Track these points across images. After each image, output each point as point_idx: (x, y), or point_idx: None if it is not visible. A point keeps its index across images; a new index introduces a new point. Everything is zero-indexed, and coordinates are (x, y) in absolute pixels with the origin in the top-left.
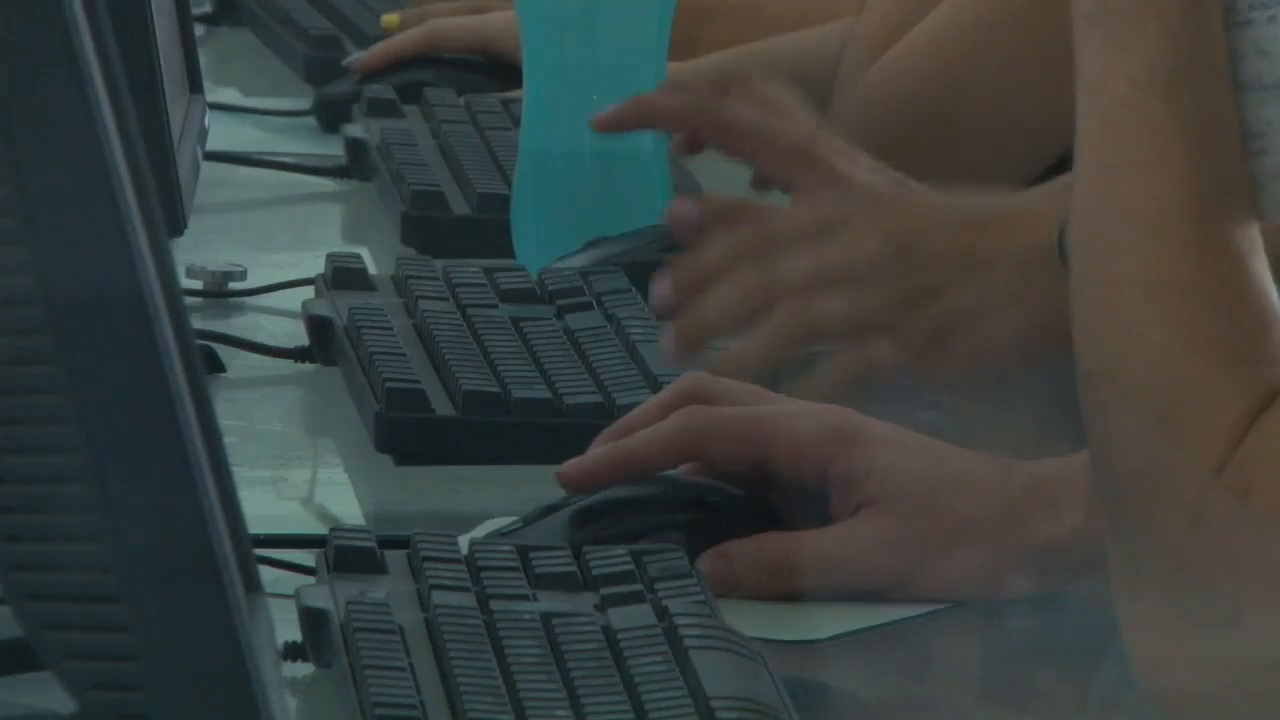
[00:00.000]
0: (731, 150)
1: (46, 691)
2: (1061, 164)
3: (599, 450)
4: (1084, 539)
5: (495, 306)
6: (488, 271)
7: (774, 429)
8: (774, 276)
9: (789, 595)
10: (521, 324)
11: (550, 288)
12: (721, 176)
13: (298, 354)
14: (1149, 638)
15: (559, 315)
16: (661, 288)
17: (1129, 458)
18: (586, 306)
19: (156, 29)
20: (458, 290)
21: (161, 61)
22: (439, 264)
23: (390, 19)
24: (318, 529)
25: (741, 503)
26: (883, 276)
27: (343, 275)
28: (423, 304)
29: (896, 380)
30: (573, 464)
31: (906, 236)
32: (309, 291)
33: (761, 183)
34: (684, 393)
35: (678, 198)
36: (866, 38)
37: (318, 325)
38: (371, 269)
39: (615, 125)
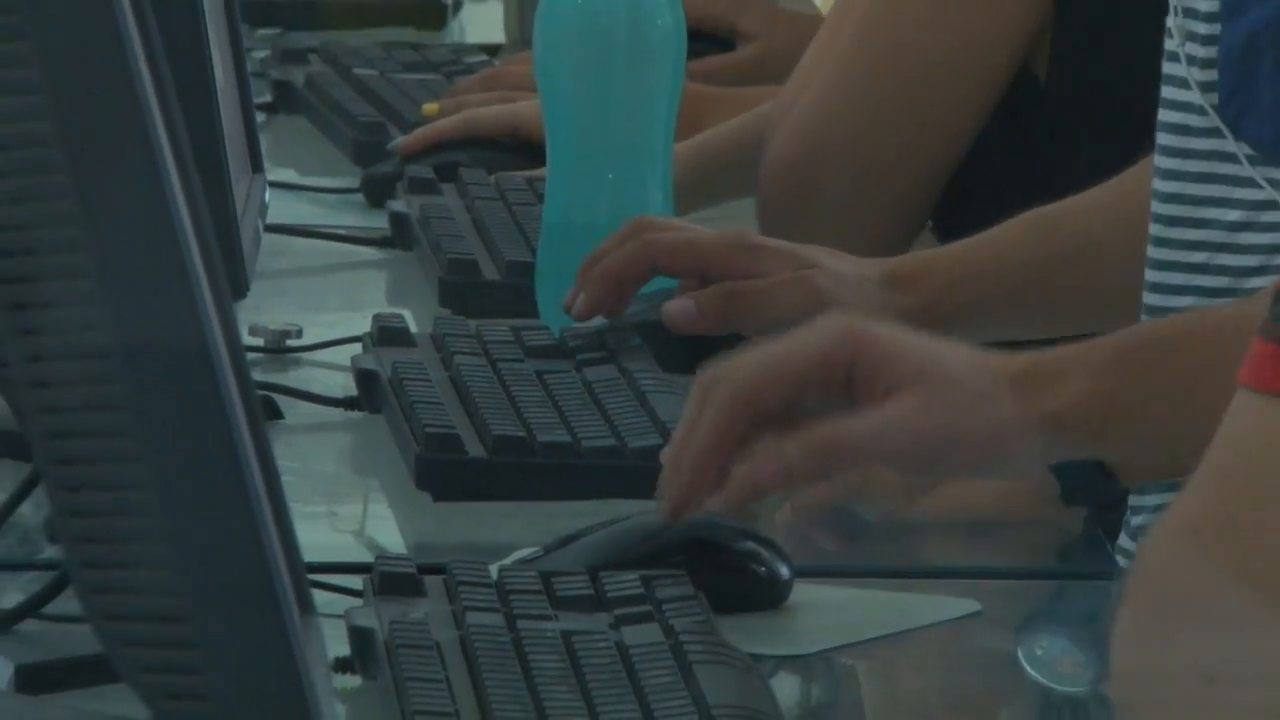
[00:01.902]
0: (677, 270)
1: (125, 701)
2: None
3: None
4: (1087, 409)
5: (522, 361)
6: (515, 330)
7: (793, 350)
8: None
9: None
10: (545, 376)
11: (571, 344)
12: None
13: (348, 403)
14: (1132, 648)
15: (578, 368)
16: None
17: None
18: (603, 361)
19: (222, 114)
20: (489, 347)
21: (226, 144)
22: (473, 323)
23: (430, 107)
24: (365, 557)
25: (740, 534)
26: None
27: (387, 333)
28: (458, 359)
29: (881, 508)
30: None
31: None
32: (358, 348)
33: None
34: None
35: (673, 301)
36: (776, 120)
37: (365, 377)
38: (413, 328)
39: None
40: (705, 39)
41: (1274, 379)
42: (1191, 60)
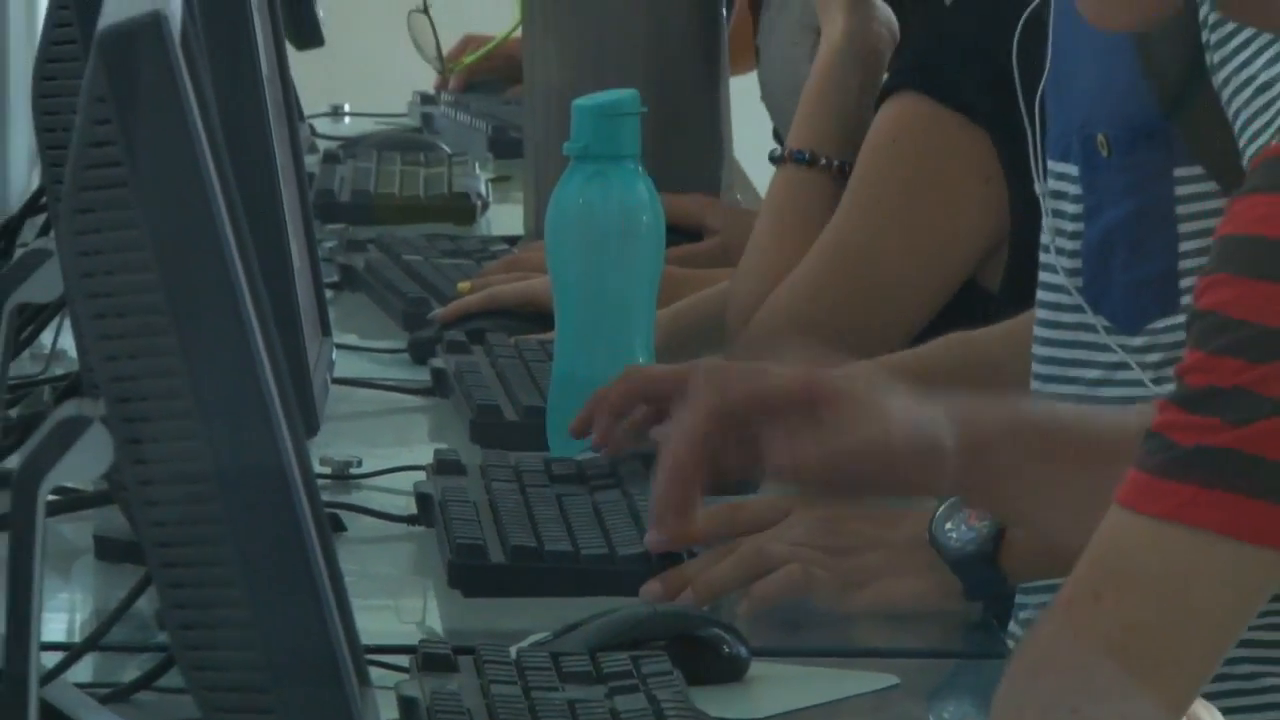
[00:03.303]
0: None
1: None
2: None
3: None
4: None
5: (547, 486)
6: (546, 462)
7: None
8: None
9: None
10: (562, 498)
11: (586, 471)
12: None
13: (409, 519)
14: (1009, 705)
15: (591, 492)
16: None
17: None
18: (612, 486)
19: (297, 289)
20: (522, 475)
21: (301, 313)
22: (514, 456)
23: (464, 285)
24: (411, 641)
25: (707, 622)
26: (813, 538)
27: (444, 464)
28: (495, 484)
29: (820, 601)
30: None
31: (830, 519)
32: (409, 475)
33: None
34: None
35: (658, 428)
36: (743, 296)
37: (423, 499)
38: (463, 459)
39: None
40: (679, 232)
41: (1139, 501)
42: (1060, 251)
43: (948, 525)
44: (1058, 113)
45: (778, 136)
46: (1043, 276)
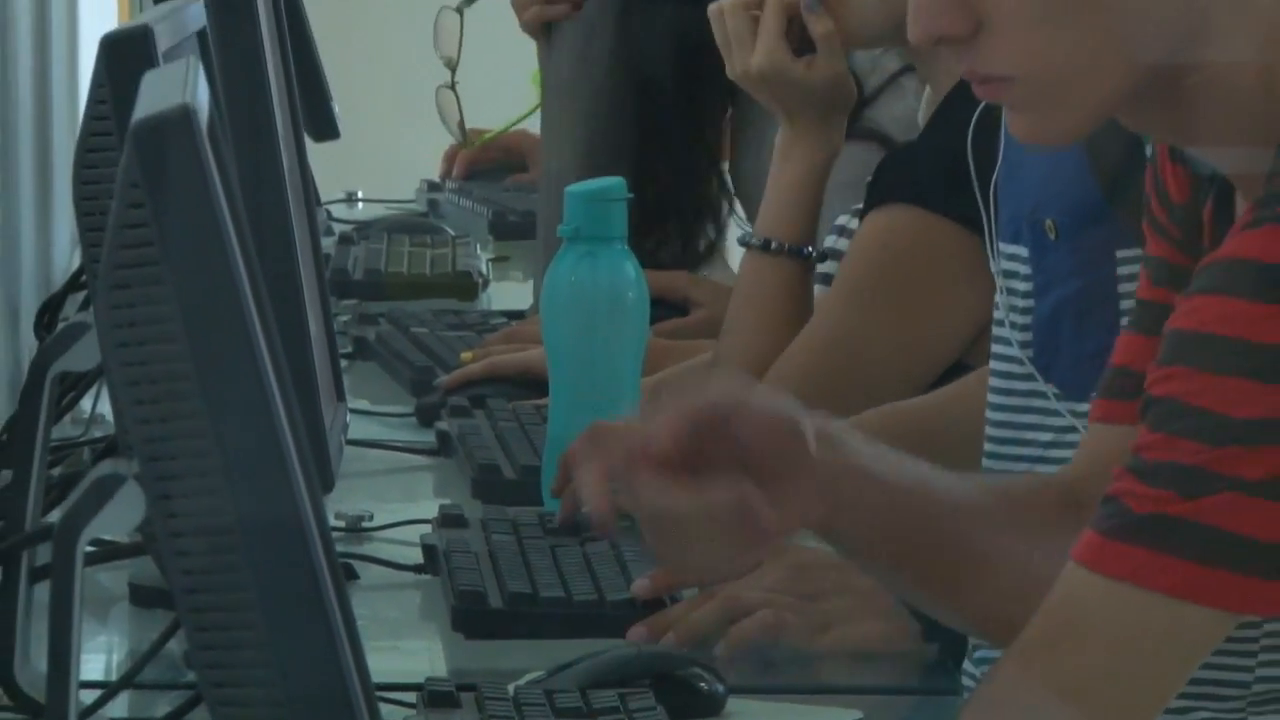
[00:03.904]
0: None
1: None
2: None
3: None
4: None
5: (542, 538)
6: (541, 517)
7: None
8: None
9: None
10: (555, 549)
11: (578, 524)
12: None
13: (416, 568)
14: None
15: (581, 544)
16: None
17: None
18: (599, 538)
19: (314, 359)
20: (519, 528)
21: (318, 380)
22: (512, 511)
23: (466, 355)
24: (417, 679)
25: (688, 662)
26: (784, 585)
27: (448, 518)
28: (494, 536)
29: (790, 643)
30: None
31: (799, 566)
32: (417, 528)
33: None
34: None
35: (639, 581)
36: (732, 360)
37: (429, 550)
38: (465, 513)
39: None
40: (665, 306)
41: (1095, 561)
42: (1014, 325)
43: None
44: (1008, 199)
45: (749, 219)
46: (996, 348)
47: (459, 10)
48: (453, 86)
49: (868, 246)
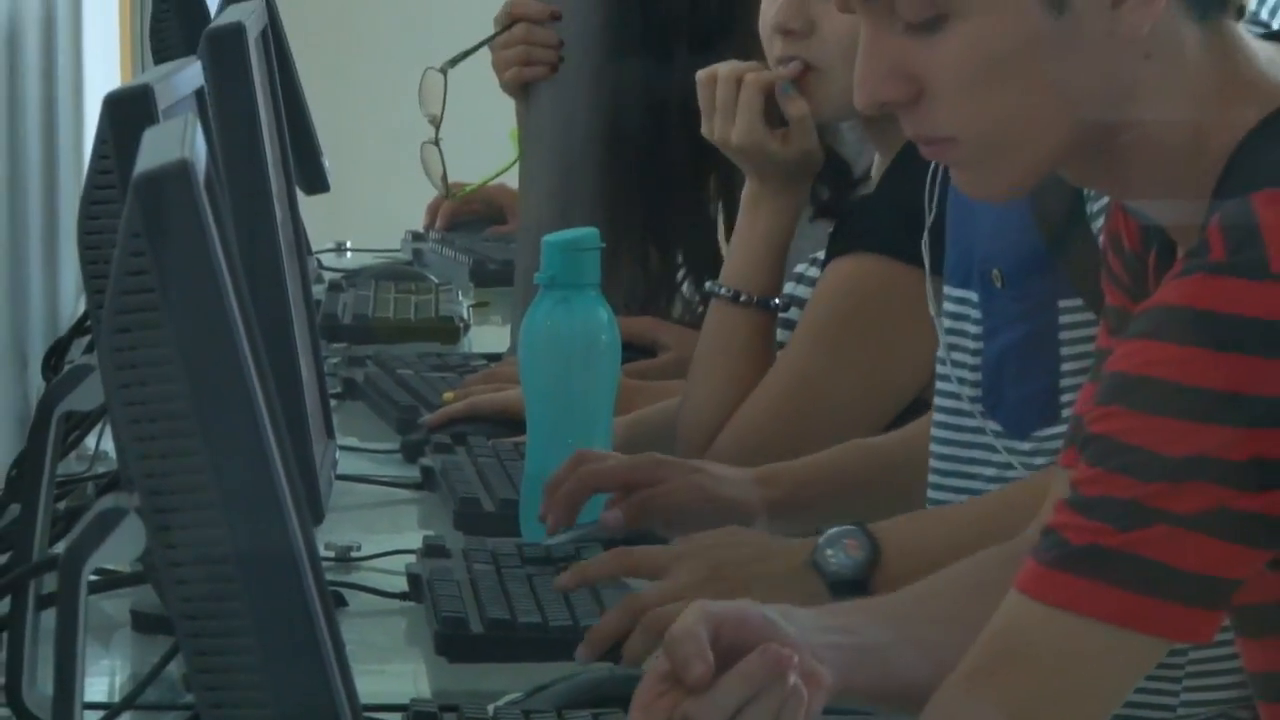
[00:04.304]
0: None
1: None
2: None
3: None
4: None
5: (520, 567)
6: (519, 547)
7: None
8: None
9: None
10: (532, 578)
11: (554, 553)
12: None
13: (401, 595)
14: None
15: (556, 572)
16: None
17: None
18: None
19: (306, 399)
20: (498, 558)
21: (309, 419)
22: (491, 542)
23: (448, 395)
24: (402, 700)
25: None
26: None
27: (431, 549)
28: (474, 566)
29: None
30: None
31: (712, 563)
32: (402, 558)
33: None
34: None
35: (606, 513)
36: (694, 417)
37: (414, 579)
38: (448, 544)
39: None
40: (635, 349)
41: (1035, 589)
42: (961, 365)
43: (829, 552)
44: (960, 246)
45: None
46: (940, 385)
47: (443, 71)
48: (436, 143)
49: (833, 292)
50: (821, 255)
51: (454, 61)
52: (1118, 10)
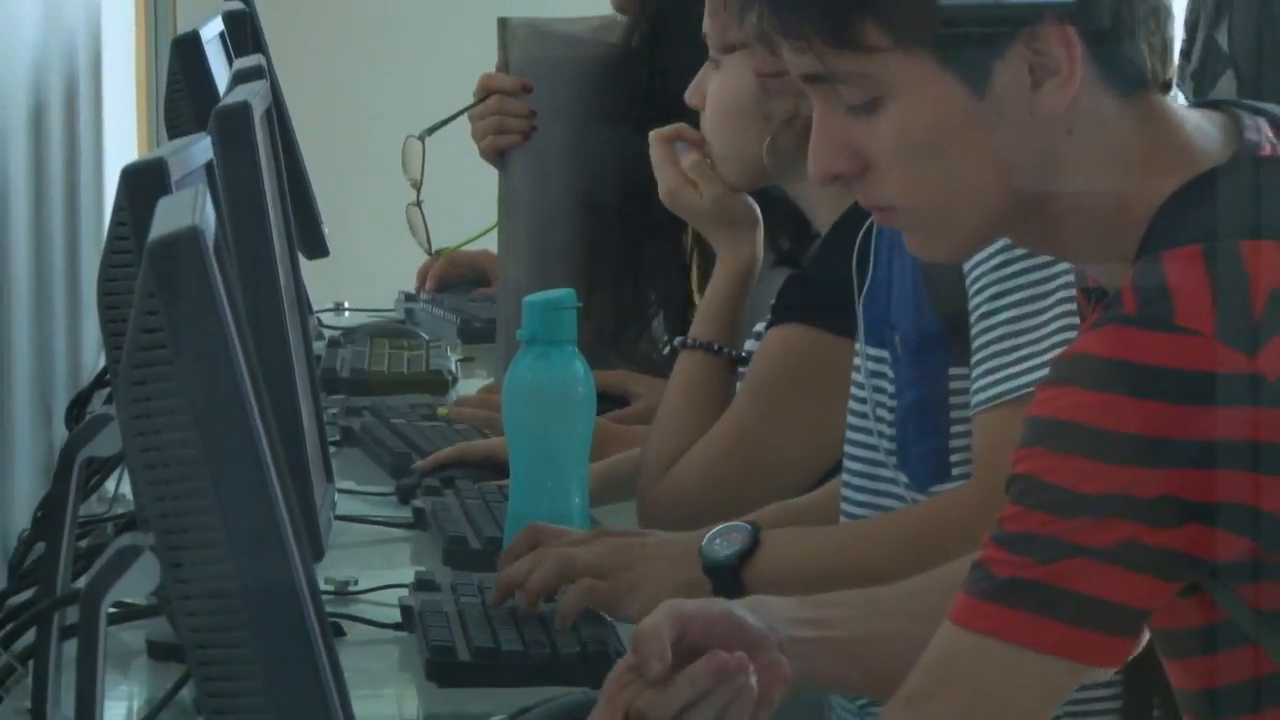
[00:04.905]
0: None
1: None
2: None
3: None
4: None
5: (504, 600)
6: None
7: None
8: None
9: None
10: (514, 610)
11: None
12: None
13: (395, 626)
14: None
15: (537, 605)
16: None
17: None
18: (551, 599)
19: (306, 446)
20: (484, 591)
21: (310, 464)
22: (476, 576)
23: (442, 410)
24: None
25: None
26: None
27: (422, 584)
28: (462, 599)
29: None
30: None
31: (624, 549)
32: (393, 591)
33: None
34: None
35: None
36: (654, 457)
37: (406, 611)
38: (438, 578)
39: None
40: (608, 398)
41: (965, 619)
42: (880, 419)
43: (716, 541)
44: (872, 308)
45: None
46: (854, 437)
47: (421, 139)
48: (419, 204)
49: (768, 358)
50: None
51: (431, 130)
52: (1036, 92)
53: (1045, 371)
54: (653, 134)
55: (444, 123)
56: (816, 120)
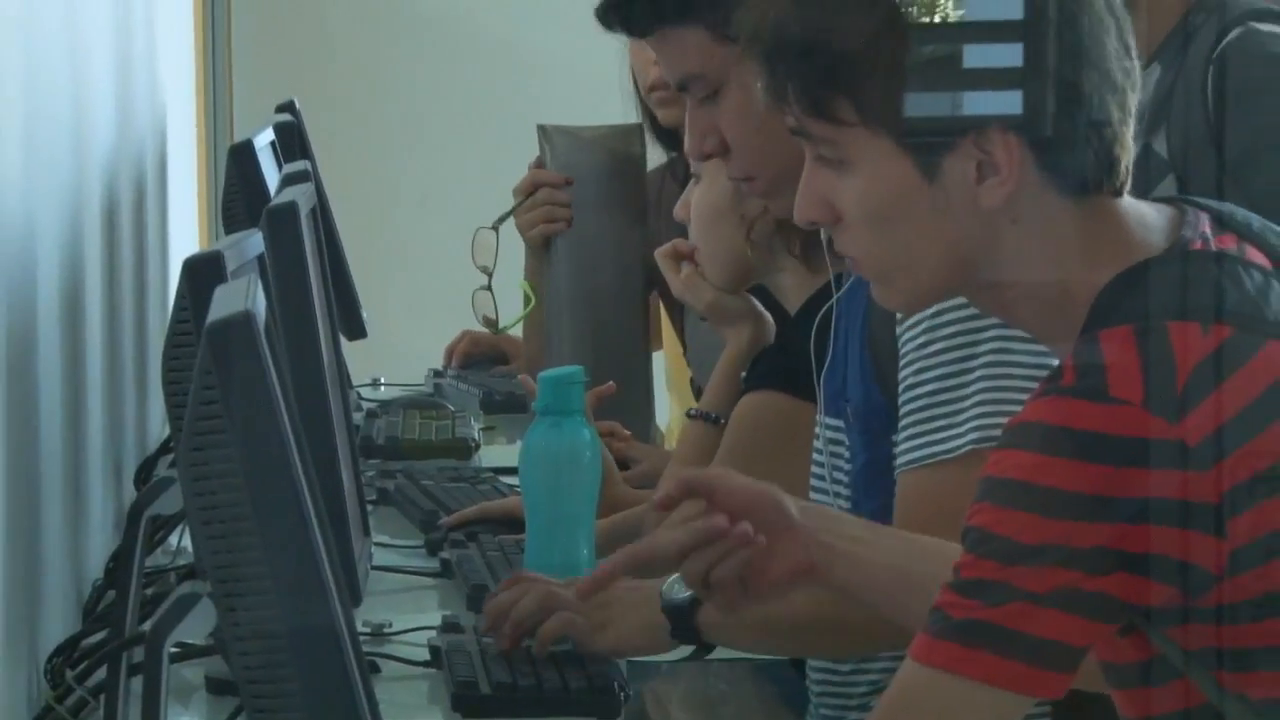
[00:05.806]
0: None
1: None
2: None
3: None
4: None
5: (521, 640)
6: None
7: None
8: None
9: None
10: (529, 648)
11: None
12: None
13: (425, 664)
14: None
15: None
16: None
17: None
18: (564, 640)
19: (346, 503)
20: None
21: (350, 519)
22: None
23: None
24: None
25: None
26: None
27: (448, 625)
28: (483, 640)
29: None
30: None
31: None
32: (423, 633)
33: None
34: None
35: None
36: (655, 517)
37: (435, 650)
38: (462, 621)
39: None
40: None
41: (923, 656)
42: (836, 480)
43: (675, 585)
44: (829, 384)
45: (696, 393)
46: (814, 483)
47: (494, 229)
48: (489, 288)
49: (741, 419)
50: None
51: (500, 220)
52: (980, 186)
53: (960, 439)
54: (655, 254)
55: (509, 214)
56: (805, 170)
